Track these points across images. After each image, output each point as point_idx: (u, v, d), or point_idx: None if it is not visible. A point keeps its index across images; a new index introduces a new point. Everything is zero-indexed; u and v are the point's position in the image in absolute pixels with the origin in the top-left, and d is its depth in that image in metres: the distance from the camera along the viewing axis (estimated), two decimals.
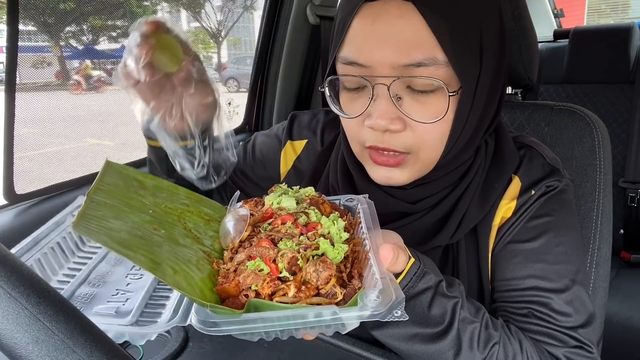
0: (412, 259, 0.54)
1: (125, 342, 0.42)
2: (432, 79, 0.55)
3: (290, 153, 0.84)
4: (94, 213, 0.42)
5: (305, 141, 0.84)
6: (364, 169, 0.67)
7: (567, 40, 1.92)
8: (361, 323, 0.40)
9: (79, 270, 0.52)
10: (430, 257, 0.66)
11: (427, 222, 0.67)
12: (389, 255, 0.44)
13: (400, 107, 0.57)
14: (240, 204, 0.56)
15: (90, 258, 0.54)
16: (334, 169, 0.75)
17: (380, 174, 0.63)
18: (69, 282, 0.50)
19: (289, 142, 0.85)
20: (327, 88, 0.63)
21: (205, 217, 0.56)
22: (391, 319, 0.38)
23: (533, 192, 0.66)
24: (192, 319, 0.38)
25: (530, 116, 0.93)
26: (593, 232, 0.83)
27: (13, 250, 0.48)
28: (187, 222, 0.52)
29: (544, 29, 2.38)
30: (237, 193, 0.59)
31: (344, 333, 0.41)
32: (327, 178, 0.76)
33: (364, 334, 0.60)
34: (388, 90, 0.56)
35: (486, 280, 0.67)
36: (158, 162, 0.70)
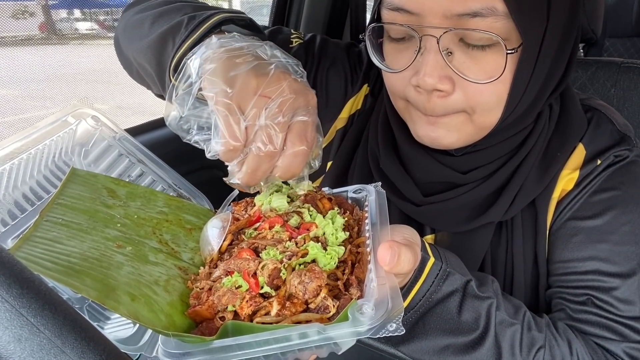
0: (432, 259, 0.48)
1: None
2: (488, 33, 0.47)
3: (359, 101, 0.74)
4: (44, 235, 0.39)
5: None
6: (408, 129, 0.60)
7: None
8: None
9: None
10: (481, 236, 0.61)
11: (479, 195, 0.60)
12: (385, 256, 0.38)
13: (451, 64, 0.50)
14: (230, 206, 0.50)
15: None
16: (374, 130, 0.68)
17: (425, 132, 0.56)
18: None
19: (366, 85, 0.74)
20: (369, 37, 0.56)
21: (186, 225, 0.51)
22: (384, 334, 0.33)
23: (599, 162, 0.59)
24: (159, 350, 0.34)
25: (594, 75, 0.84)
26: None
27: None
28: (163, 234, 0.48)
29: None
30: (235, 193, 0.51)
31: (339, 353, 0.35)
32: (366, 142, 0.70)
33: None
34: (438, 43, 0.48)
35: (542, 262, 0.61)
36: None
